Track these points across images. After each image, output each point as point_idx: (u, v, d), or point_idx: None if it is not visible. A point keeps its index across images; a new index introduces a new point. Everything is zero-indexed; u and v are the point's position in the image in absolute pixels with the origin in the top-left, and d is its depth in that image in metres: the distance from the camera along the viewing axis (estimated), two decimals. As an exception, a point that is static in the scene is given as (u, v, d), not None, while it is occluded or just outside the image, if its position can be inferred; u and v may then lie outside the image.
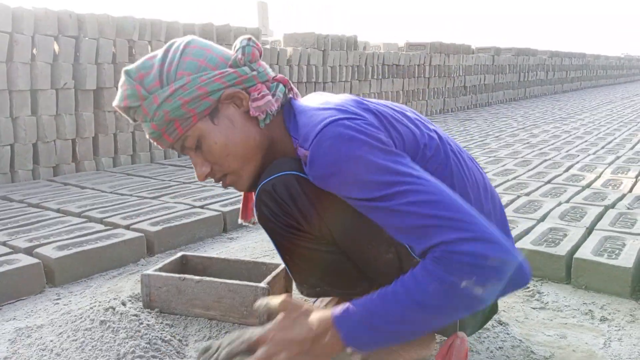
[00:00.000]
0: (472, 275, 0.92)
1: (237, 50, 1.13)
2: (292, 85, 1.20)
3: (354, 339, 0.98)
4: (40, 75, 3.41)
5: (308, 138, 1.04)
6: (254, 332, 1.03)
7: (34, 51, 3.41)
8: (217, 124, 1.11)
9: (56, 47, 3.52)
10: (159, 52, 1.13)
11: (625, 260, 1.78)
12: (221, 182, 1.18)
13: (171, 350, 1.39)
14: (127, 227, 2.29)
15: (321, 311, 1.03)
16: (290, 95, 1.20)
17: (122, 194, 2.97)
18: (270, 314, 1.10)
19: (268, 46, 5.25)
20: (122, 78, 1.11)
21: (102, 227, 2.30)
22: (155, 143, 1.13)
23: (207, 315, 1.57)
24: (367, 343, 0.99)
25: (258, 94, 1.12)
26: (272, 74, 1.18)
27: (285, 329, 1.01)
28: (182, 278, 1.58)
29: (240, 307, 1.53)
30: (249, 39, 1.14)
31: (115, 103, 1.13)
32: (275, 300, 1.04)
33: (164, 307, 1.60)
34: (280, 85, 1.17)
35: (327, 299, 1.42)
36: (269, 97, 1.13)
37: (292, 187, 1.12)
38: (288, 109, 1.18)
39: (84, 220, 2.42)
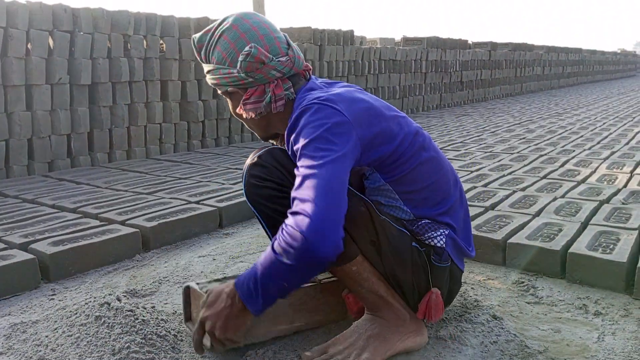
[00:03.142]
0: (282, 247, 1.15)
1: (239, 61, 1.33)
2: (281, 94, 1.37)
3: (247, 298, 1.20)
4: (35, 70, 3.39)
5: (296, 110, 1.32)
6: (198, 316, 1.28)
7: (29, 46, 3.39)
8: (232, 100, 1.43)
9: (51, 41, 3.50)
10: (211, 28, 1.39)
11: (620, 254, 1.78)
12: None
13: (166, 346, 1.39)
14: (123, 223, 2.28)
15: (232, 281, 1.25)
16: (275, 104, 1.37)
17: (117, 190, 2.96)
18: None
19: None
20: (192, 40, 1.45)
21: (97, 222, 2.29)
22: None
23: (292, 327, 1.44)
24: (257, 301, 1.20)
25: (247, 98, 1.37)
26: (276, 75, 1.35)
27: (211, 305, 1.26)
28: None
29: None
30: (248, 54, 1.32)
31: None
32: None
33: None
34: (269, 94, 1.36)
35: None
36: (254, 104, 1.37)
37: (275, 154, 1.34)
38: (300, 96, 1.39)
39: (79, 215, 2.41)
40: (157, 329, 1.43)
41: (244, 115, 1.40)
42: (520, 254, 1.92)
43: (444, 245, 1.35)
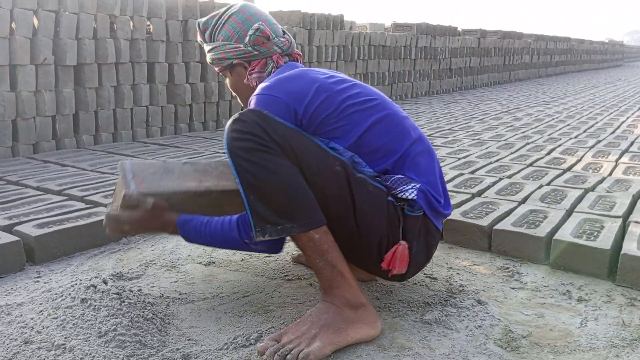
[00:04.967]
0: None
1: (247, 35, 1.57)
2: (278, 63, 1.62)
3: (186, 237, 1.51)
4: (20, 50, 3.33)
5: None
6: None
7: (13, 25, 3.32)
8: (232, 75, 1.66)
9: (36, 21, 3.44)
10: (220, 12, 1.62)
11: (603, 242, 1.81)
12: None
13: (153, 329, 1.39)
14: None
15: (170, 215, 1.50)
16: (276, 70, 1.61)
17: (103, 172, 2.93)
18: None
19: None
20: (197, 23, 1.66)
21: (83, 205, 2.27)
22: None
23: (201, 186, 1.55)
24: (193, 242, 1.52)
25: (251, 70, 1.61)
26: (278, 50, 1.60)
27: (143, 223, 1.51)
28: (164, 160, 1.61)
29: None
30: (257, 29, 1.57)
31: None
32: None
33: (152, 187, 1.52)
34: (272, 63, 1.61)
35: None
36: (259, 73, 1.61)
37: (256, 112, 1.37)
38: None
39: (64, 198, 2.39)
40: (143, 312, 1.43)
41: (250, 84, 1.61)
42: (506, 241, 1.94)
43: (415, 197, 1.41)
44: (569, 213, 2.15)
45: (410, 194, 1.41)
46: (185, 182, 1.54)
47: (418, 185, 1.43)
